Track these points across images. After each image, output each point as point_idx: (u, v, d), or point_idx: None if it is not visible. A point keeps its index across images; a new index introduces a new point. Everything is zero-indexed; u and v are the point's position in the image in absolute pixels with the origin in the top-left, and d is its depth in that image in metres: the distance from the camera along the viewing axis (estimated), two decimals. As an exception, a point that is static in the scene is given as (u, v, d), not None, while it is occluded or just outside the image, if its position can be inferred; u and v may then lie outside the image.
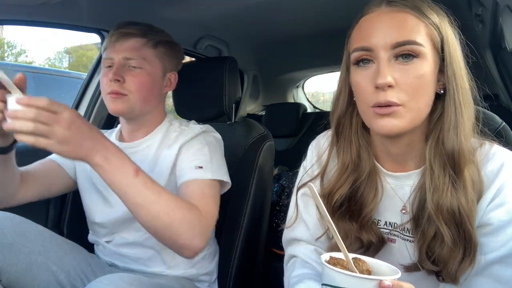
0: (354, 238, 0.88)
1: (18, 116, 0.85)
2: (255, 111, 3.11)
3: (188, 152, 1.18)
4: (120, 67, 1.19)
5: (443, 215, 0.78)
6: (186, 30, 1.92)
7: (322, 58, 2.76)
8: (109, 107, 1.21)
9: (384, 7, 0.81)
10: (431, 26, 0.79)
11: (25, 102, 0.86)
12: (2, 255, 0.99)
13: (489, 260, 0.78)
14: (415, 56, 0.77)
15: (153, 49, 1.23)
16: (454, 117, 0.79)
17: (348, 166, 0.89)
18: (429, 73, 0.78)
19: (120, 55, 1.19)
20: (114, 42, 1.21)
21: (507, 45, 1.49)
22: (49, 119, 0.86)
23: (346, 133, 0.90)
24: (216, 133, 1.30)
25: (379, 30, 0.79)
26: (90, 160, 0.92)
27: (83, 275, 1.15)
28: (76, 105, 1.90)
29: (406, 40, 0.76)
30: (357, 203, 0.88)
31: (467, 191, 0.78)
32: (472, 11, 1.57)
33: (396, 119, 0.78)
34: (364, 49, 0.80)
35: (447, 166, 0.79)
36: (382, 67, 0.77)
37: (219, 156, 1.23)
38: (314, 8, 1.79)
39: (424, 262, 0.81)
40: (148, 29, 1.24)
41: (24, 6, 1.33)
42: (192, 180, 1.12)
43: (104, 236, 1.27)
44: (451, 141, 0.79)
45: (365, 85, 0.80)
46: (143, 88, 1.20)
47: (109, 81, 1.17)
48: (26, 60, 15.17)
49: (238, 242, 1.36)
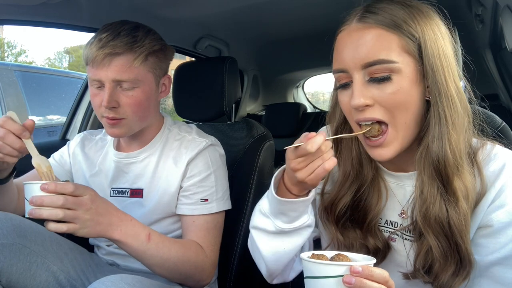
0: (360, 245, 0.87)
1: (45, 204, 0.87)
2: (255, 111, 3.11)
3: (194, 178, 1.18)
4: (112, 92, 1.10)
5: (431, 226, 0.78)
6: (186, 30, 1.92)
7: (322, 58, 2.73)
8: (107, 131, 1.17)
9: (355, 24, 0.79)
10: (405, 37, 0.75)
11: (51, 189, 0.88)
12: (2, 255, 0.99)
13: (490, 262, 0.78)
14: (388, 74, 0.75)
15: (143, 63, 1.13)
16: (439, 129, 0.77)
17: (350, 174, 0.88)
18: (408, 86, 0.76)
19: (109, 77, 1.09)
20: (99, 62, 1.09)
21: (507, 45, 1.49)
22: (75, 204, 0.90)
23: (346, 141, 0.89)
24: (220, 147, 1.29)
25: (349, 50, 0.78)
26: (109, 236, 0.98)
27: (83, 275, 1.15)
28: (76, 105, 1.90)
29: (376, 59, 0.75)
30: (361, 210, 0.87)
31: (459, 203, 0.76)
32: (472, 11, 1.57)
33: (387, 147, 0.79)
34: (340, 71, 0.80)
35: (435, 176, 0.78)
36: (355, 89, 0.77)
37: (223, 180, 1.24)
38: (314, 8, 1.79)
39: (417, 272, 0.81)
40: (133, 41, 1.11)
41: (24, 6, 1.32)
42: (198, 216, 1.17)
43: (105, 241, 1.26)
44: (436, 152, 0.77)
45: (346, 104, 0.81)
46: (139, 109, 1.15)
47: (102, 106, 1.11)
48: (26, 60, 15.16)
49: (238, 243, 1.36)
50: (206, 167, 1.19)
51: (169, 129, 1.28)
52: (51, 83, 4.27)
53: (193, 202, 1.18)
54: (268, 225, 0.87)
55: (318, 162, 0.76)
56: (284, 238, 0.87)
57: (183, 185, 1.19)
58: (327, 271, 0.64)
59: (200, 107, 1.54)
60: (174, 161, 1.20)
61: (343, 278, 0.62)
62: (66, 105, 3.08)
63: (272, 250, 0.89)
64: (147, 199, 1.20)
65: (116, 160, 1.25)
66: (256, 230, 0.92)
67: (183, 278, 1.12)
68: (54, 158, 1.33)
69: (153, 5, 1.57)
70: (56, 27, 1.55)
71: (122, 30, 1.12)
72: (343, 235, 0.88)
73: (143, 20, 1.24)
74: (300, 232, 0.86)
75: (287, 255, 0.89)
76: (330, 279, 0.64)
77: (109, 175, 1.25)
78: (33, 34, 44.13)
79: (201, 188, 1.18)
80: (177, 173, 1.19)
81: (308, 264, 0.66)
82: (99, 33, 1.12)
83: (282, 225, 0.85)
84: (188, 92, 1.54)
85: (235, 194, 1.29)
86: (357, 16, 0.79)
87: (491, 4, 1.47)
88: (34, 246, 1.06)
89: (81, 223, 0.91)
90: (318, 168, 0.76)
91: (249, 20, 1.95)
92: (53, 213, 0.87)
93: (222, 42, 2.20)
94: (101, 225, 0.95)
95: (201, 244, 1.15)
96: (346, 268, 0.63)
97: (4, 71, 3.75)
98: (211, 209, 1.18)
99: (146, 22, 1.21)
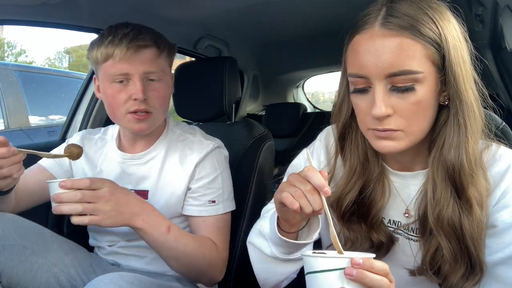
0: (364, 238, 0.87)
1: (64, 200, 0.93)
2: (255, 111, 3.11)
3: (203, 180, 1.19)
4: (143, 83, 1.12)
5: (443, 228, 0.77)
6: (186, 30, 1.92)
7: (322, 58, 2.76)
8: (133, 128, 1.15)
9: (378, 28, 0.74)
10: (429, 46, 0.73)
11: (68, 186, 0.93)
12: (3, 256, 0.99)
13: (493, 261, 0.78)
14: (411, 84, 0.73)
15: (166, 58, 1.19)
16: (457, 138, 0.75)
17: (356, 169, 0.87)
18: (429, 96, 0.74)
19: (139, 69, 1.11)
20: (129, 55, 1.10)
21: (507, 45, 1.49)
22: (93, 197, 0.95)
23: (353, 136, 0.88)
24: (225, 149, 1.30)
25: (372, 57, 0.73)
26: (132, 224, 1.01)
27: (84, 275, 1.14)
28: (76, 105, 1.90)
29: (401, 70, 0.72)
30: (366, 204, 0.87)
31: (473, 210, 0.76)
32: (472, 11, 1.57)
33: (395, 141, 0.77)
34: (359, 76, 0.77)
35: (449, 182, 0.77)
36: (377, 98, 0.74)
37: (228, 181, 1.26)
38: (314, 9, 1.79)
39: (426, 272, 0.81)
40: (156, 35, 1.17)
41: (24, 6, 1.32)
42: (207, 216, 1.19)
43: (106, 241, 1.26)
44: (451, 161, 0.76)
45: (363, 109, 0.78)
46: (164, 102, 1.18)
47: (131, 99, 1.11)
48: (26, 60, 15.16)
49: (238, 242, 1.36)
50: (213, 169, 1.21)
51: (172, 130, 1.28)
52: (51, 83, 4.27)
53: (201, 203, 1.19)
54: (265, 248, 0.87)
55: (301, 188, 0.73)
56: (280, 263, 0.87)
57: (191, 186, 1.19)
58: (328, 265, 0.64)
59: (200, 107, 1.54)
60: (179, 162, 1.21)
61: (345, 270, 0.63)
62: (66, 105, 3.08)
63: (265, 270, 0.91)
64: (153, 201, 1.19)
65: (120, 161, 1.25)
66: (252, 247, 0.93)
67: (196, 274, 1.14)
68: None
69: (153, 5, 1.57)
70: (56, 27, 1.55)
71: (139, 27, 1.15)
72: (348, 229, 0.88)
73: (143, 20, 1.24)
74: (297, 261, 0.86)
75: (279, 277, 0.90)
76: (332, 272, 0.64)
77: (111, 176, 1.24)
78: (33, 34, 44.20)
79: (209, 190, 1.19)
80: (184, 174, 1.19)
81: (309, 260, 0.67)
82: (115, 31, 1.12)
83: (279, 255, 0.85)
84: (188, 92, 1.54)
85: (235, 194, 1.29)
86: (380, 20, 0.74)
87: (491, 4, 1.47)
88: (35, 247, 1.06)
89: (102, 214, 0.95)
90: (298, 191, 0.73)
91: (249, 20, 1.95)
92: (73, 208, 0.93)
93: (222, 42, 2.20)
94: (124, 214, 0.99)
95: (213, 240, 1.17)
96: (348, 260, 0.64)
97: (4, 71, 3.75)
98: (218, 210, 1.20)
99: (146, 22, 1.21)
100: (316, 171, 0.72)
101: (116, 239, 1.24)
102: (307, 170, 0.72)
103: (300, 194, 0.72)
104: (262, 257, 0.90)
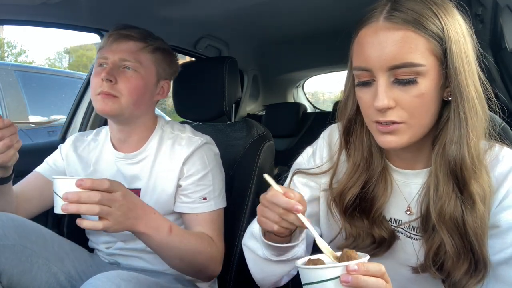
0: (366, 234, 0.87)
1: (82, 200, 0.88)
2: (255, 111, 3.11)
3: (193, 177, 1.19)
4: (114, 67, 1.17)
5: (445, 223, 0.77)
6: (186, 30, 1.92)
7: (322, 58, 2.76)
8: (97, 107, 1.18)
9: (382, 22, 0.75)
10: (432, 40, 0.74)
11: (88, 186, 0.88)
12: (3, 256, 0.99)
13: (496, 261, 0.78)
14: (414, 77, 0.74)
15: (151, 54, 1.22)
16: (458, 132, 0.76)
17: (359, 165, 0.88)
18: (432, 89, 0.75)
19: (116, 56, 1.17)
20: (111, 43, 1.19)
21: (507, 45, 1.49)
22: (110, 200, 0.90)
23: (358, 132, 0.89)
24: (214, 146, 1.30)
25: (376, 50, 0.75)
26: (135, 229, 0.98)
27: (84, 275, 1.14)
28: (76, 105, 1.90)
29: (403, 62, 0.73)
30: (368, 199, 0.88)
31: (476, 206, 0.76)
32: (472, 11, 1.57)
33: (397, 136, 0.77)
34: (363, 69, 0.78)
35: (451, 176, 0.78)
36: (380, 90, 0.75)
37: (219, 178, 1.25)
38: (314, 9, 1.79)
39: (429, 268, 0.81)
40: (148, 35, 1.23)
41: (24, 6, 1.33)
42: (200, 213, 1.19)
43: (102, 243, 1.27)
44: (453, 156, 0.76)
45: (366, 102, 0.79)
46: (134, 92, 1.18)
47: (101, 80, 1.15)
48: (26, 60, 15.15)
49: (238, 242, 1.36)
50: (203, 166, 1.21)
51: (162, 128, 1.28)
52: (51, 83, 4.27)
53: (192, 200, 1.19)
54: (258, 250, 0.88)
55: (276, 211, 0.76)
56: (274, 264, 0.88)
57: (182, 183, 1.20)
58: (324, 275, 0.64)
59: (200, 107, 1.54)
60: (169, 159, 1.21)
61: (340, 278, 0.63)
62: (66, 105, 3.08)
63: (261, 270, 0.91)
64: (144, 199, 1.19)
65: (115, 160, 1.26)
66: (247, 248, 0.94)
67: (198, 270, 1.15)
68: (48, 162, 1.33)
69: (153, 5, 1.57)
70: (56, 27, 1.56)
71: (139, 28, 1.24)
72: (350, 224, 0.88)
73: (143, 20, 1.25)
74: (291, 261, 0.86)
75: (276, 277, 0.91)
76: (327, 282, 0.64)
77: (105, 175, 1.24)
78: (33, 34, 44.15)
79: (199, 187, 1.19)
80: (174, 171, 1.19)
81: (304, 272, 0.67)
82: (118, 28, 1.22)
83: (271, 256, 0.86)
84: (188, 92, 1.54)
85: (235, 194, 1.29)
86: (384, 14, 0.76)
87: (491, 4, 1.47)
88: (36, 247, 1.06)
89: (113, 219, 0.91)
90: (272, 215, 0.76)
91: (249, 20, 1.95)
92: (91, 208, 0.88)
93: (222, 42, 2.20)
94: (129, 219, 0.95)
95: (209, 235, 1.17)
96: (342, 268, 0.64)
97: (4, 71, 3.75)
98: (210, 207, 1.19)
99: (146, 22, 1.22)
100: (279, 194, 0.74)
101: (112, 239, 1.24)
102: (271, 196, 0.75)
103: (276, 218, 0.75)
104: (256, 258, 0.90)
